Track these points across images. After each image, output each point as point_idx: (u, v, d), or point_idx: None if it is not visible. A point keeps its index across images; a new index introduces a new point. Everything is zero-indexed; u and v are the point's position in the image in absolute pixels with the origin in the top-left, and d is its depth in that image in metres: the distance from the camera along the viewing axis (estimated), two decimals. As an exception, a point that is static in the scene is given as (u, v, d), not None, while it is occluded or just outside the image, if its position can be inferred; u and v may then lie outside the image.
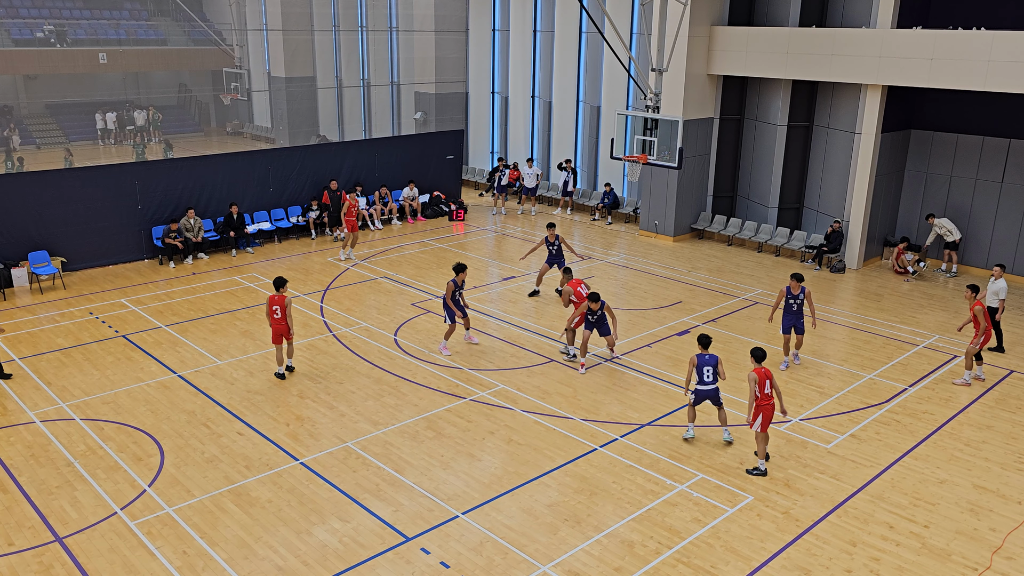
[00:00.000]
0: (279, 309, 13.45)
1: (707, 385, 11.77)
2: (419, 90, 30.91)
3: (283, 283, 13.65)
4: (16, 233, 18.56)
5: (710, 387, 11.78)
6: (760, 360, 11.09)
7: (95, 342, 15.39)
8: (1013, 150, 19.23)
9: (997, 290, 14.90)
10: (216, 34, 40.47)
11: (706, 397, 11.83)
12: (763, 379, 10.88)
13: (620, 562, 9.32)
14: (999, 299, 14.87)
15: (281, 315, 13.45)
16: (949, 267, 20.23)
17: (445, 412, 12.80)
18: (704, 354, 11.83)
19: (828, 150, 21.35)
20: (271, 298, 13.52)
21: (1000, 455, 11.79)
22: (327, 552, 9.44)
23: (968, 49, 17.34)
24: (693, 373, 11.75)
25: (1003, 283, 14.89)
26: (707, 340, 11.91)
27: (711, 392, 11.80)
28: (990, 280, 15.15)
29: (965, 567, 9.33)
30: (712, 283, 19.32)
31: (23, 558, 9.27)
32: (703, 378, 11.75)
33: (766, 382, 10.89)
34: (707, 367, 11.73)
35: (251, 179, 22.20)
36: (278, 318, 13.47)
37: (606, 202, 25.28)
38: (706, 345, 11.90)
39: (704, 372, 11.74)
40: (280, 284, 13.63)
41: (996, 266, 15.15)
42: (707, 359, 11.76)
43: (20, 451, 11.53)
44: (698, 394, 11.85)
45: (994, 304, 14.96)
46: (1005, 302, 14.94)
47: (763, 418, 10.90)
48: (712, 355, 11.80)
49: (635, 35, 24.63)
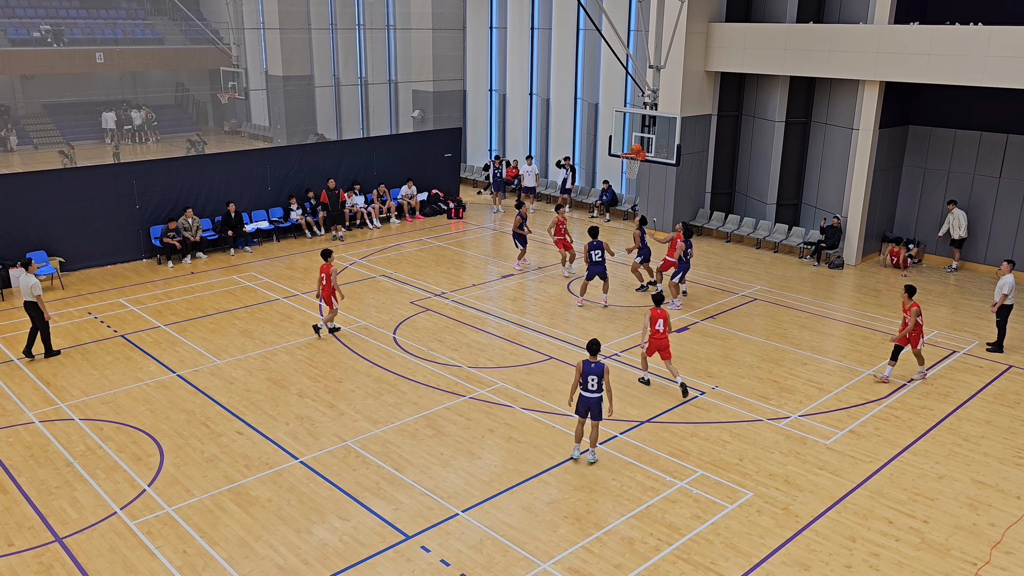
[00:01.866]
0: (324, 276, 15.36)
1: (591, 393, 11.02)
2: (417, 88, 30.90)
3: (328, 254, 15.47)
4: (14, 233, 18.53)
5: (594, 396, 11.02)
6: (658, 304, 13.30)
7: (94, 342, 15.38)
8: (1011, 145, 19.23)
9: (1001, 284, 14.88)
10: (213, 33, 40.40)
11: (588, 407, 11.07)
12: (655, 317, 13.16)
13: (620, 559, 9.33)
14: (1002, 293, 14.86)
15: (326, 282, 15.34)
16: (950, 263, 20.22)
17: (445, 410, 12.80)
18: (591, 361, 11.01)
19: (826, 146, 21.35)
20: (320, 267, 15.52)
21: (999, 450, 11.81)
22: (327, 551, 9.44)
23: (965, 44, 17.34)
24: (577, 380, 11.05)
25: (1008, 279, 14.85)
26: (596, 346, 11.05)
27: (594, 402, 11.04)
28: (999, 276, 15.16)
29: (964, 562, 9.35)
30: (710, 280, 19.33)
31: (23, 558, 9.27)
32: (587, 386, 11.00)
33: (659, 320, 13.14)
34: (592, 376, 10.96)
35: (249, 178, 22.19)
36: (324, 284, 15.38)
37: (604, 199, 25.29)
38: (594, 351, 11.03)
39: (589, 381, 10.97)
40: (326, 255, 15.47)
41: (1005, 262, 15.13)
42: (593, 367, 10.97)
43: (19, 451, 11.52)
44: (580, 402, 11.11)
45: (995, 298, 14.97)
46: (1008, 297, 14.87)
47: (650, 346, 13.28)
48: (599, 363, 10.98)
49: (633, 32, 24.63)
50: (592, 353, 11.04)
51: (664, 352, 13.22)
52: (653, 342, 13.22)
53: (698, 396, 13.36)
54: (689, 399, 13.19)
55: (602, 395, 11.08)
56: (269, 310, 17.08)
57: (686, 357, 14.85)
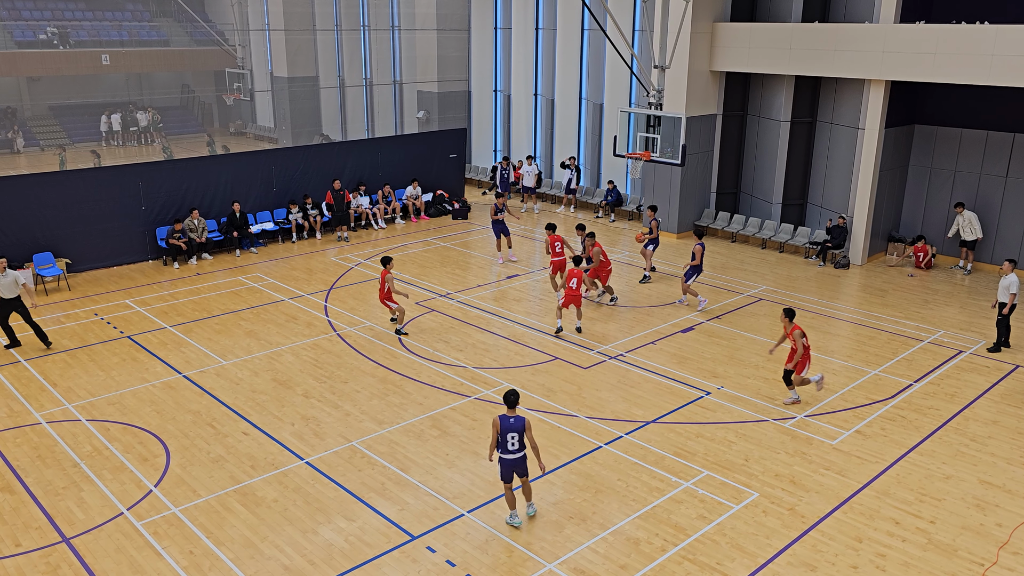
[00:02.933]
0: (381, 281, 15.67)
1: (512, 454, 9.46)
2: (422, 89, 30.93)
3: (388, 260, 15.76)
4: (21, 235, 18.60)
5: (516, 456, 9.47)
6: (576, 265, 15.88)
7: (100, 343, 15.43)
8: (1017, 144, 19.16)
9: (1008, 284, 14.77)
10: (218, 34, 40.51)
11: (512, 469, 9.59)
12: (571, 276, 15.32)
13: (626, 559, 9.32)
14: (1010, 293, 14.79)
15: (381, 285, 15.68)
16: (965, 264, 20.10)
17: (450, 411, 12.81)
18: (509, 416, 9.45)
19: (831, 146, 21.30)
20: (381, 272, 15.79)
21: (1006, 450, 11.77)
22: (333, 551, 9.45)
23: (971, 43, 17.29)
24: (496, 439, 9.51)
25: (1014, 278, 14.76)
26: (514, 398, 9.48)
27: (518, 462, 9.52)
28: (1001, 276, 15.06)
29: (971, 562, 9.32)
30: (716, 280, 19.30)
31: (30, 559, 9.30)
32: (507, 446, 9.43)
33: (573, 279, 15.27)
34: (512, 433, 9.40)
35: (255, 179, 22.23)
36: (381, 288, 15.73)
37: (609, 200, 25.26)
38: (512, 404, 9.48)
39: (509, 439, 9.39)
40: (385, 261, 15.76)
41: (1007, 261, 15.05)
42: (512, 423, 9.41)
43: (27, 452, 11.56)
44: (503, 465, 9.58)
45: (1004, 299, 14.89)
46: (1015, 296, 14.82)
47: (565, 301, 15.48)
48: (519, 417, 9.45)
49: (637, 32, 24.61)
50: (510, 406, 9.53)
51: (577, 304, 15.66)
52: (568, 298, 15.54)
53: (703, 396, 13.34)
54: (694, 399, 13.17)
55: (525, 454, 9.55)
56: (275, 311, 17.11)
57: (691, 357, 14.84)
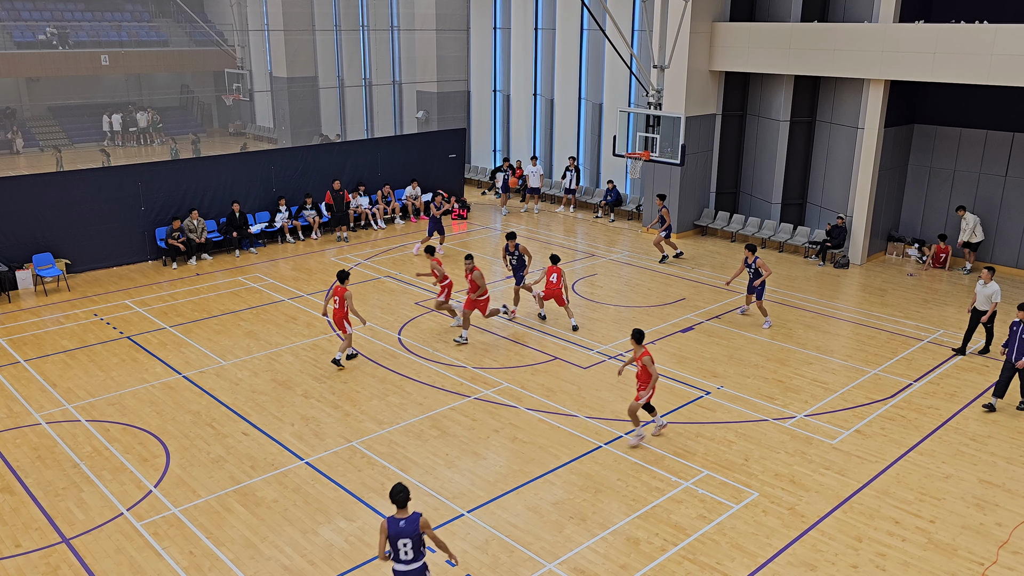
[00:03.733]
0: (338, 299, 14.15)
1: (405, 564, 7.58)
2: (421, 89, 30.93)
3: (345, 276, 14.19)
4: (20, 235, 18.59)
5: (410, 568, 7.59)
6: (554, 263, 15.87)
7: (100, 343, 15.42)
8: (1017, 144, 19.17)
9: (990, 293, 14.55)
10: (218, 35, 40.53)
11: None
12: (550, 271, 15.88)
13: (626, 559, 9.32)
14: (992, 302, 14.65)
15: (338, 305, 14.14)
16: (963, 264, 20.08)
17: (450, 411, 12.81)
18: (398, 519, 7.55)
19: (831, 145, 21.31)
20: (334, 287, 14.26)
21: (1006, 450, 11.77)
22: (333, 551, 9.45)
23: (971, 43, 17.30)
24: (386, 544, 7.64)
25: (995, 286, 14.53)
26: (402, 496, 7.57)
27: (416, 574, 7.66)
28: (979, 284, 14.73)
29: (971, 562, 9.32)
30: (716, 280, 19.30)
31: (30, 559, 9.30)
32: (399, 556, 7.56)
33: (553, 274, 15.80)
34: (404, 540, 7.51)
35: (254, 180, 22.22)
36: (336, 308, 14.20)
37: (609, 199, 25.27)
38: (402, 502, 7.59)
39: (400, 549, 7.53)
40: (342, 277, 14.17)
41: (985, 269, 14.71)
42: (403, 527, 7.51)
43: (26, 453, 11.56)
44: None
45: (985, 307, 14.70)
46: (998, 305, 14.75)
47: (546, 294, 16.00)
48: (412, 517, 7.55)
49: (636, 32, 24.61)
50: (399, 505, 7.58)
51: (558, 300, 15.93)
52: (548, 291, 15.95)
53: (703, 396, 13.34)
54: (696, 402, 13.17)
55: (425, 563, 7.71)
56: (274, 311, 17.10)
57: (691, 357, 14.84)
